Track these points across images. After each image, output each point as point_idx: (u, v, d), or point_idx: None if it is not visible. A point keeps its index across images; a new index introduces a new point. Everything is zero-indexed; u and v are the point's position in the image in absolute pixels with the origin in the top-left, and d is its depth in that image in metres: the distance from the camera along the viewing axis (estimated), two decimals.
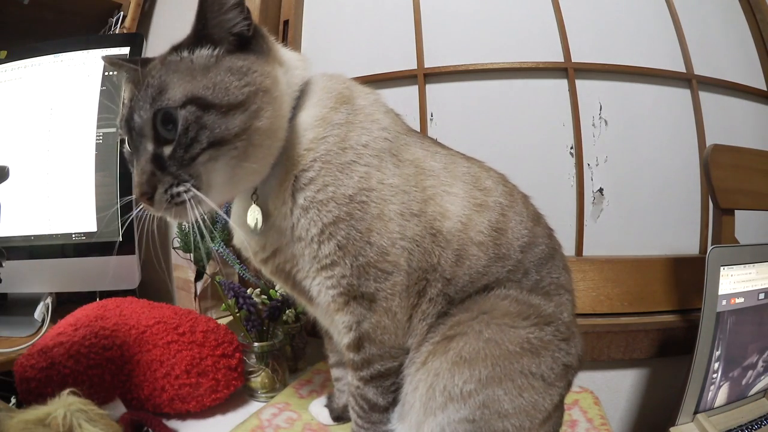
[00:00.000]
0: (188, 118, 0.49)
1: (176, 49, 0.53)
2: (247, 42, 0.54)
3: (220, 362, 0.79)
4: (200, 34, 0.52)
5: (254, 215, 0.59)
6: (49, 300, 1.07)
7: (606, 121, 1.09)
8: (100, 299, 0.93)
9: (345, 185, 0.57)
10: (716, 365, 0.81)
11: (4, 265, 0.71)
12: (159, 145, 0.51)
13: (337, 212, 0.56)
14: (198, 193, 0.51)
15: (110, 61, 0.62)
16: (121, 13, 1.29)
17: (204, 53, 0.52)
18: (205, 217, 0.53)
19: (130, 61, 0.57)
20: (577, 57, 1.09)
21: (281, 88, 0.56)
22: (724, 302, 0.80)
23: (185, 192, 0.50)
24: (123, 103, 0.55)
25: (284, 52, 0.61)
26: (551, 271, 0.65)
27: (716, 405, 0.83)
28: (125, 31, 1.28)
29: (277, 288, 0.87)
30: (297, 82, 0.60)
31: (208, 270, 1.06)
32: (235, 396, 0.83)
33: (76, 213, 1.02)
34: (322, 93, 0.61)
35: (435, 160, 0.64)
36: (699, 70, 1.12)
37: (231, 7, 0.52)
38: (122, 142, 0.56)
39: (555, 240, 0.68)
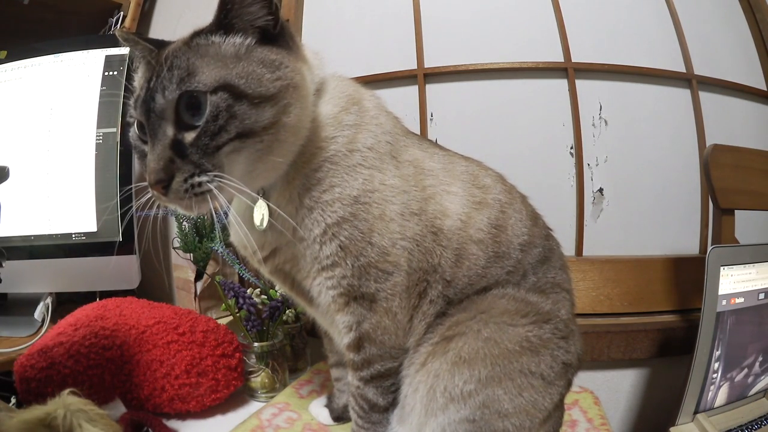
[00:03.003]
0: (219, 104, 0.48)
1: (202, 33, 0.51)
2: (275, 36, 0.53)
3: (220, 362, 0.79)
4: (222, 23, 0.51)
5: (261, 211, 0.57)
6: (49, 300, 1.07)
7: (606, 121, 1.09)
8: (100, 299, 0.93)
9: (351, 186, 0.57)
10: (716, 365, 0.81)
11: (4, 265, 0.71)
12: (180, 130, 0.49)
13: (341, 213, 0.56)
14: (230, 180, 0.49)
15: (124, 37, 0.57)
16: (121, 13, 1.29)
17: (235, 41, 0.51)
18: (227, 209, 0.51)
19: (146, 40, 0.55)
20: (577, 57, 1.08)
21: (307, 85, 0.56)
22: (724, 302, 0.80)
23: (209, 182, 0.48)
24: (140, 83, 0.52)
25: (305, 50, 0.61)
26: (548, 271, 0.65)
27: (716, 405, 0.83)
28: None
29: (276, 288, 0.87)
30: (316, 80, 0.60)
31: (208, 270, 1.06)
32: (235, 396, 0.83)
33: (76, 213, 1.02)
34: (334, 93, 0.61)
35: (433, 161, 0.64)
36: (699, 70, 1.12)
37: (253, 2, 0.51)
38: (128, 125, 0.54)
39: (553, 240, 0.69)
